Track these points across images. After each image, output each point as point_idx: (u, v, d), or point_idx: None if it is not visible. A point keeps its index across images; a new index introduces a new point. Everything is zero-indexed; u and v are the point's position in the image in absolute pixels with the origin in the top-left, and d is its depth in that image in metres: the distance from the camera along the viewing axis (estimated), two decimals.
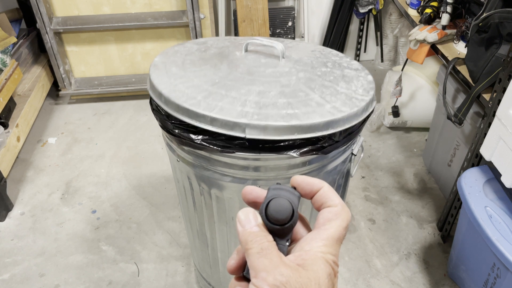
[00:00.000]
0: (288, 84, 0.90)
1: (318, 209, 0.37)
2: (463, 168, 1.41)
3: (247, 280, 0.35)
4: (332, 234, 0.34)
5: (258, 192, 0.38)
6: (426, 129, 2.14)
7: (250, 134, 0.79)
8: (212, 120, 0.80)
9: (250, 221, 0.35)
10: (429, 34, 1.55)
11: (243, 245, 0.34)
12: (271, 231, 0.35)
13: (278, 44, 0.97)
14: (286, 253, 0.35)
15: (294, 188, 0.37)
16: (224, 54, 1.02)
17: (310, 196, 0.37)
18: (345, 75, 0.98)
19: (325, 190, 0.36)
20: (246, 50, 1.03)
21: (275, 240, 0.35)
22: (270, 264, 0.31)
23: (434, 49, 1.60)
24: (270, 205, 0.35)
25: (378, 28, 2.57)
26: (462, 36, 1.53)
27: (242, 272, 0.36)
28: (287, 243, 0.35)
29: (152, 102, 0.94)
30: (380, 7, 2.40)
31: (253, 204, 0.38)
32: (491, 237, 1.07)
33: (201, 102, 0.83)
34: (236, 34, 2.51)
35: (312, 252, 0.33)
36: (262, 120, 0.78)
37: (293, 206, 0.35)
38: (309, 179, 0.37)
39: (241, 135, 0.79)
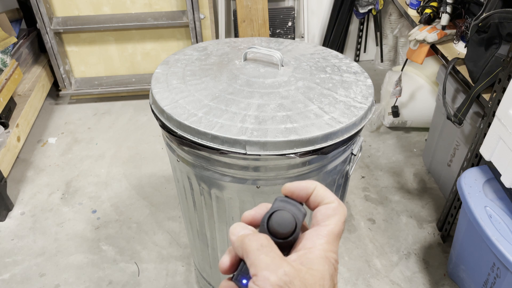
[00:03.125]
0: (287, 95, 0.91)
1: (314, 209, 0.36)
2: (463, 168, 1.41)
3: (237, 285, 0.34)
4: (332, 229, 0.34)
5: (256, 213, 0.37)
6: (426, 129, 2.14)
7: (250, 151, 0.80)
8: (213, 138, 0.82)
9: (243, 229, 0.34)
10: (428, 34, 1.56)
11: (239, 250, 0.33)
12: None
13: (276, 53, 0.98)
14: None
15: (302, 204, 0.36)
16: (224, 63, 1.04)
17: (306, 199, 0.37)
18: (344, 80, 0.98)
19: (319, 189, 0.36)
20: (245, 59, 1.04)
21: None
22: (273, 262, 0.30)
23: (433, 49, 1.60)
24: (273, 217, 0.34)
25: (378, 28, 2.57)
26: (462, 36, 1.53)
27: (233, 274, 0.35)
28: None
29: (153, 111, 0.95)
30: (380, 7, 2.40)
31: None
32: (491, 237, 1.07)
33: (202, 119, 0.85)
34: (236, 34, 2.51)
35: (315, 250, 0.32)
36: (261, 137, 0.80)
37: (296, 221, 0.34)
38: (301, 183, 0.37)
39: (242, 151, 0.81)
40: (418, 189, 1.82)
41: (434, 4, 1.62)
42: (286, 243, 0.34)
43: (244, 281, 0.33)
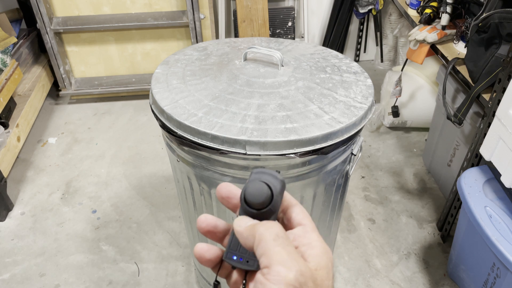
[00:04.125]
0: (287, 95, 0.91)
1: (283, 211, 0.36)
2: (463, 168, 1.41)
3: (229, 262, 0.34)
4: (314, 226, 0.34)
5: (214, 220, 0.36)
6: (426, 129, 2.14)
7: (250, 151, 0.81)
8: (213, 138, 0.82)
9: (250, 220, 0.33)
10: (428, 34, 1.56)
11: (249, 239, 0.31)
12: (250, 216, 0.34)
13: (276, 53, 0.98)
14: None
15: (279, 171, 0.36)
16: (224, 63, 1.04)
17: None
18: (344, 80, 0.98)
19: (287, 195, 0.37)
20: (245, 59, 1.04)
21: None
22: (289, 257, 0.28)
23: (434, 49, 1.60)
24: (247, 189, 0.34)
25: (378, 28, 2.57)
26: (462, 36, 1.53)
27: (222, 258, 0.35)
28: None
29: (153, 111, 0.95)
30: (380, 7, 2.40)
31: (210, 234, 0.36)
32: (491, 237, 1.07)
33: (202, 119, 0.85)
34: (236, 34, 2.51)
35: (315, 246, 0.31)
36: (261, 137, 0.80)
37: (272, 190, 0.33)
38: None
39: (242, 151, 0.81)
40: (418, 189, 1.82)
41: (434, 4, 1.62)
42: (267, 213, 0.34)
43: (235, 257, 0.34)
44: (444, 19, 1.55)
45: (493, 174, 1.25)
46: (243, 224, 0.33)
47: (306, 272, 0.28)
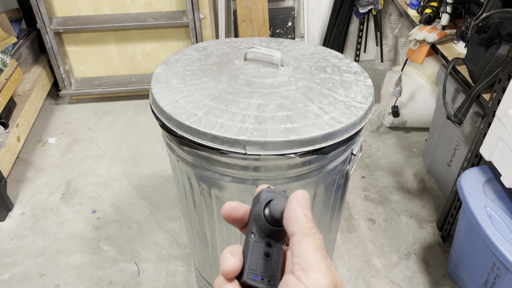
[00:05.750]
0: (287, 95, 0.91)
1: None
2: (463, 168, 1.41)
3: (243, 285, 0.33)
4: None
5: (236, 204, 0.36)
6: (426, 129, 2.14)
7: (250, 151, 0.81)
8: (213, 138, 0.82)
9: (309, 206, 0.33)
10: (429, 34, 1.56)
11: (298, 229, 0.31)
12: (267, 235, 0.34)
13: (276, 53, 0.98)
14: (283, 257, 0.34)
15: (285, 191, 0.36)
16: (224, 63, 1.04)
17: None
18: (344, 80, 0.98)
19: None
20: (245, 59, 1.04)
21: (271, 243, 0.34)
22: (327, 269, 0.30)
23: (434, 49, 1.60)
24: (271, 206, 0.34)
25: (378, 28, 2.57)
26: (462, 36, 1.53)
27: (241, 277, 0.33)
28: (283, 247, 0.34)
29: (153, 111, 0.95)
30: (380, 7, 2.40)
31: (234, 221, 0.36)
32: (491, 237, 1.07)
33: (202, 119, 0.85)
34: (236, 34, 2.51)
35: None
36: (261, 137, 0.80)
37: None
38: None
39: (242, 151, 0.81)
40: (418, 189, 1.82)
41: (434, 4, 1.62)
42: (284, 230, 0.34)
43: (256, 278, 0.33)
44: (444, 19, 1.55)
45: (493, 174, 1.25)
46: (301, 202, 0.33)
47: (339, 285, 0.30)
